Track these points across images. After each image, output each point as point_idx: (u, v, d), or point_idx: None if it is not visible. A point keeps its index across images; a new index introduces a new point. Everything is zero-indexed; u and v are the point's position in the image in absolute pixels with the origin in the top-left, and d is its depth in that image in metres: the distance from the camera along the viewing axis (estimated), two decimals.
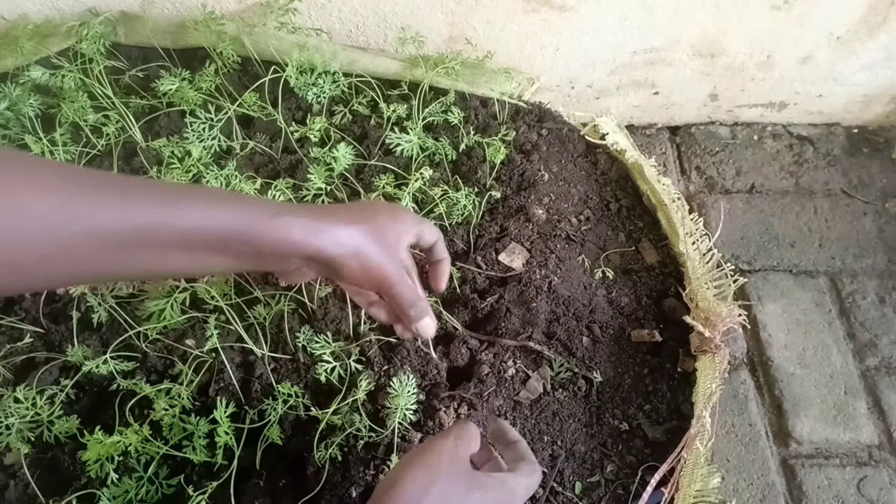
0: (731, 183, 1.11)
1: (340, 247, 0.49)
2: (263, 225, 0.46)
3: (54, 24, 0.95)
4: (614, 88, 1.11)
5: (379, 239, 0.52)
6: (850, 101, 1.15)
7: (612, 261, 0.93)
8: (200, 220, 0.43)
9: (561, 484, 0.73)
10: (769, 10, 0.97)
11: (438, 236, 0.61)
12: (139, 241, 0.41)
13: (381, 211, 0.54)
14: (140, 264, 0.43)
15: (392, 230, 0.54)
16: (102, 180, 0.40)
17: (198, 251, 0.45)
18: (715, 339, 0.80)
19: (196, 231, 0.43)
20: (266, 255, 0.48)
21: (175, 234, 0.42)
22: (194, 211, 0.43)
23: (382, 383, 0.75)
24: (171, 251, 0.43)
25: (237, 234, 0.45)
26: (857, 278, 1.00)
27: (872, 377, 0.91)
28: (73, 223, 0.37)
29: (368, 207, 0.55)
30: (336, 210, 0.52)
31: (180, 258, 0.44)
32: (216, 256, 0.46)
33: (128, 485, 0.67)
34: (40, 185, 0.37)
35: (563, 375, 0.80)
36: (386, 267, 0.53)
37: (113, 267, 0.42)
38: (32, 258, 0.37)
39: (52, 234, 0.37)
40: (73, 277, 0.43)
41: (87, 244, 0.38)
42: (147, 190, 0.42)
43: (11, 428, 0.69)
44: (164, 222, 0.41)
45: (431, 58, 0.99)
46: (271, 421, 0.72)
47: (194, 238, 0.43)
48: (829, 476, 0.82)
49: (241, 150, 0.94)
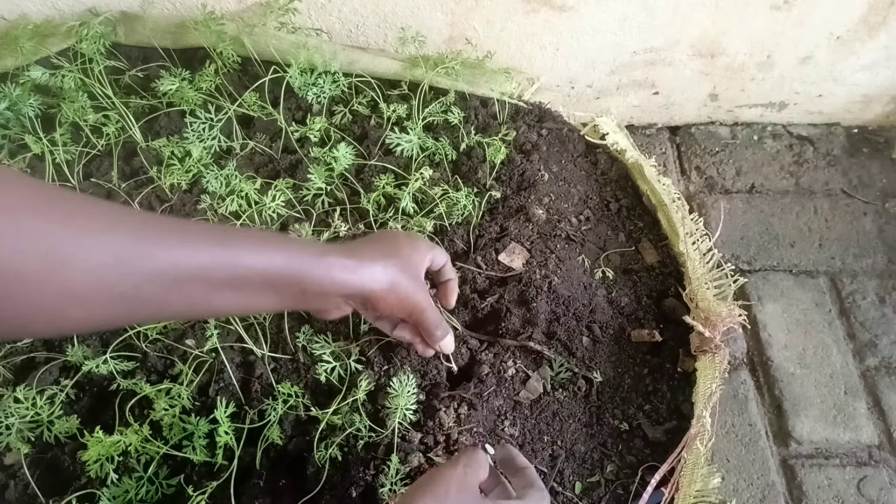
0: (731, 183, 1.11)
1: (378, 283, 0.55)
2: (310, 266, 0.50)
3: (54, 24, 0.95)
4: (614, 88, 1.11)
5: (408, 270, 0.58)
6: (850, 101, 1.15)
7: (612, 261, 0.93)
8: (253, 260, 0.47)
9: (561, 484, 0.73)
10: (769, 10, 0.97)
11: (447, 258, 0.67)
12: (196, 280, 0.44)
13: (403, 243, 0.60)
14: (194, 302, 0.46)
15: (414, 259, 0.60)
16: (162, 222, 0.44)
17: (247, 290, 0.48)
18: (715, 339, 0.80)
19: (249, 270, 0.47)
20: (310, 293, 0.52)
21: (229, 273, 0.46)
22: (247, 252, 0.47)
23: (382, 383, 0.75)
24: (223, 290, 0.46)
25: (286, 275, 0.49)
26: (857, 278, 1.00)
27: (872, 377, 0.91)
28: (140, 262, 0.40)
29: (393, 240, 0.60)
30: (369, 247, 0.57)
31: (231, 297, 0.47)
32: (263, 295, 0.50)
33: (128, 485, 0.67)
34: (109, 223, 0.39)
35: (563, 375, 0.80)
36: (418, 295, 0.59)
37: (170, 305, 0.45)
38: (105, 296, 0.39)
39: (122, 271, 0.39)
40: (136, 315, 0.46)
41: (151, 282, 0.41)
42: (204, 232, 0.46)
43: (11, 428, 0.69)
44: (219, 262, 0.45)
45: (431, 58, 0.99)
46: (271, 421, 0.72)
47: (247, 277, 0.47)
48: (829, 476, 0.82)
49: (241, 150, 0.94)
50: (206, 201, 0.86)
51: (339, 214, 0.88)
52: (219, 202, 0.86)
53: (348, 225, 0.86)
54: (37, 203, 0.37)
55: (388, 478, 0.67)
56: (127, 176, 0.92)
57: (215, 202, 0.86)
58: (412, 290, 0.58)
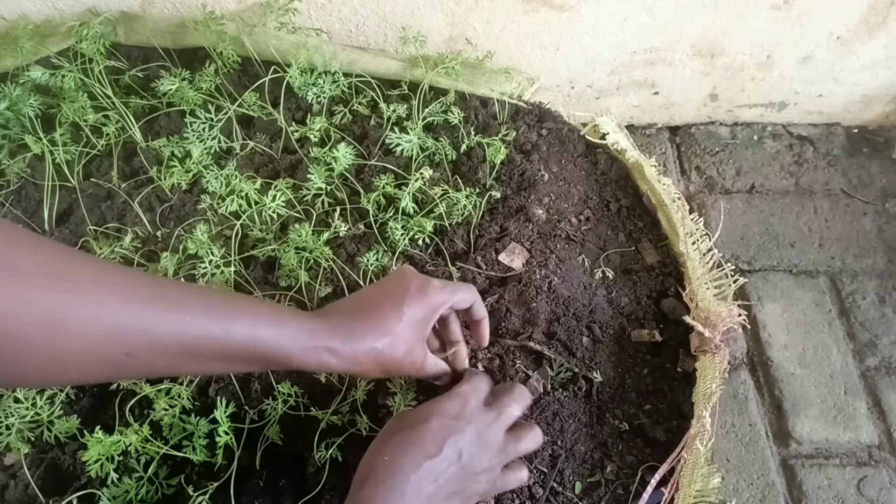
0: (731, 183, 1.11)
1: (360, 364, 0.56)
2: (298, 351, 0.52)
3: (54, 24, 0.95)
4: (614, 88, 1.11)
5: (401, 341, 0.57)
6: (850, 101, 1.15)
7: (612, 261, 0.93)
8: (243, 338, 0.49)
9: (561, 484, 0.73)
10: (769, 10, 0.97)
11: (474, 299, 0.66)
12: (186, 351, 0.46)
13: (409, 300, 0.59)
14: (182, 367, 0.48)
15: (419, 314, 0.59)
16: (161, 289, 0.45)
17: (235, 362, 0.50)
18: (715, 339, 0.80)
19: (238, 346, 0.48)
20: (296, 367, 0.54)
21: (218, 347, 0.47)
22: (238, 328, 0.48)
23: (382, 383, 0.75)
24: (212, 360, 0.48)
25: (274, 356, 0.51)
26: (857, 278, 1.00)
27: (872, 377, 0.91)
28: (135, 332, 0.42)
29: (396, 297, 0.59)
30: (364, 314, 0.57)
31: (218, 365, 0.50)
32: (251, 366, 0.53)
33: (128, 485, 0.67)
34: (108, 291, 0.41)
35: (563, 375, 0.80)
36: (404, 368, 0.59)
37: (159, 369, 0.48)
38: (99, 360, 0.42)
39: (117, 340, 0.41)
40: (126, 376, 0.50)
41: (143, 350, 0.43)
42: (199, 302, 0.47)
43: (11, 428, 0.69)
44: (210, 335, 0.47)
45: (431, 58, 0.99)
46: (271, 421, 0.72)
47: (235, 352, 0.49)
48: (829, 476, 0.82)
49: (241, 150, 0.94)
50: (206, 201, 0.86)
51: (339, 214, 0.88)
52: (219, 202, 0.86)
53: (348, 225, 0.86)
54: (41, 267, 0.38)
55: None
56: (127, 176, 0.92)
57: (215, 202, 0.86)
58: (399, 362, 0.58)
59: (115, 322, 0.41)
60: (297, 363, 0.53)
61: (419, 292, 0.60)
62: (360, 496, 0.52)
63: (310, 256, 0.81)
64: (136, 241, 0.85)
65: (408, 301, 0.58)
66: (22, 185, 0.90)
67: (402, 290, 0.60)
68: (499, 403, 0.62)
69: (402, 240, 0.84)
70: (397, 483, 0.52)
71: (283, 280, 0.82)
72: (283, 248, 0.82)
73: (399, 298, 0.59)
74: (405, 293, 0.59)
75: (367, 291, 0.62)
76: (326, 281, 0.82)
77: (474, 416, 0.59)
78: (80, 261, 0.42)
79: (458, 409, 0.58)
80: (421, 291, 0.60)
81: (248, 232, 0.86)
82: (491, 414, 0.60)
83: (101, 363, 0.42)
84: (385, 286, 0.61)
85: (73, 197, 0.89)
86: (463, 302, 0.64)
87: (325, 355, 0.53)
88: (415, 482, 0.52)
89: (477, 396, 0.61)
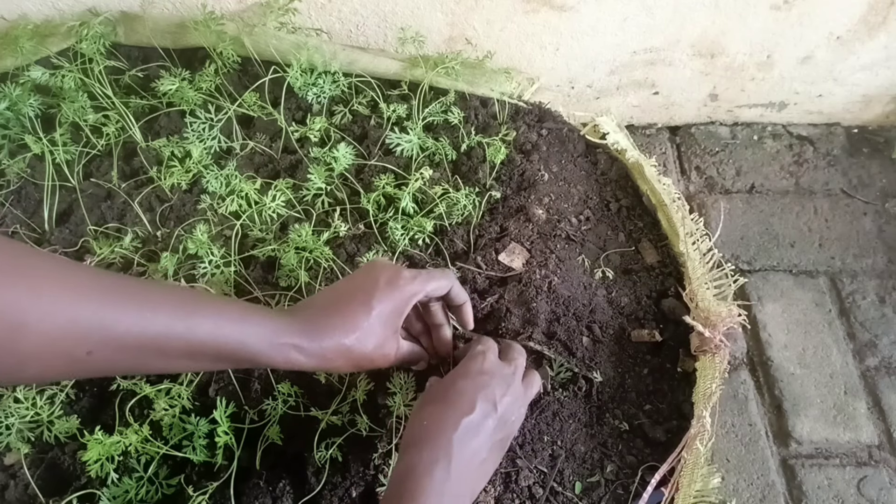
0: (731, 183, 1.11)
1: (329, 361, 0.56)
2: (265, 348, 0.52)
3: (54, 24, 0.95)
4: (614, 88, 1.11)
5: (369, 336, 0.57)
6: (850, 101, 1.15)
7: (612, 261, 0.93)
8: (207, 336, 0.49)
9: (561, 484, 0.73)
10: (769, 10, 0.97)
11: (449, 285, 0.65)
12: (149, 349, 0.46)
13: (379, 294, 0.58)
14: (147, 366, 0.49)
15: (389, 307, 0.59)
16: (124, 287, 0.45)
17: (200, 359, 0.50)
18: (715, 339, 0.80)
19: (202, 344, 0.48)
20: (263, 365, 0.55)
21: (183, 345, 0.47)
22: (203, 326, 0.48)
23: (382, 383, 0.75)
24: (177, 358, 0.48)
25: (239, 354, 0.51)
26: (857, 278, 1.00)
27: (872, 377, 0.91)
28: (95, 329, 0.42)
29: (365, 290, 0.58)
30: (331, 311, 0.57)
31: (184, 363, 0.50)
32: (219, 363, 0.53)
33: (128, 485, 0.67)
34: (69, 288, 0.41)
35: (563, 375, 0.80)
36: (376, 362, 0.60)
37: (123, 367, 0.48)
38: (60, 357, 0.42)
39: (77, 337, 0.41)
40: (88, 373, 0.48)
41: (105, 348, 0.43)
42: (163, 300, 0.47)
43: (11, 428, 0.69)
44: (174, 334, 0.46)
45: (431, 58, 0.99)
46: (271, 421, 0.72)
47: (200, 350, 0.49)
48: (829, 476, 0.82)
49: (241, 150, 0.94)
50: (206, 201, 0.86)
51: (339, 214, 0.88)
52: (219, 202, 0.86)
53: (348, 225, 0.86)
54: (2, 265, 0.38)
55: (388, 478, 0.67)
56: (127, 176, 0.92)
57: (215, 202, 0.86)
58: (369, 356, 0.58)
59: (74, 320, 0.41)
60: (265, 361, 0.53)
61: (389, 285, 0.59)
62: (406, 462, 0.53)
63: (310, 256, 0.81)
64: (136, 241, 0.85)
65: (377, 295, 0.58)
66: (22, 185, 0.90)
67: (372, 283, 0.59)
68: (508, 357, 0.67)
69: (402, 240, 0.84)
70: (440, 444, 0.54)
71: (283, 280, 0.82)
72: (283, 248, 0.82)
73: (368, 293, 0.58)
74: (374, 287, 0.59)
75: (337, 286, 0.61)
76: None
77: (496, 370, 0.62)
78: (38, 259, 0.42)
79: (479, 366, 0.61)
80: (390, 284, 0.59)
81: (248, 232, 0.86)
82: (509, 366, 0.65)
83: (62, 361, 0.42)
84: (355, 280, 0.61)
85: (73, 197, 0.89)
86: (438, 290, 0.63)
87: (293, 352, 0.53)
88: (457, 442, 0.54)
89: (493, 352, 0.65)
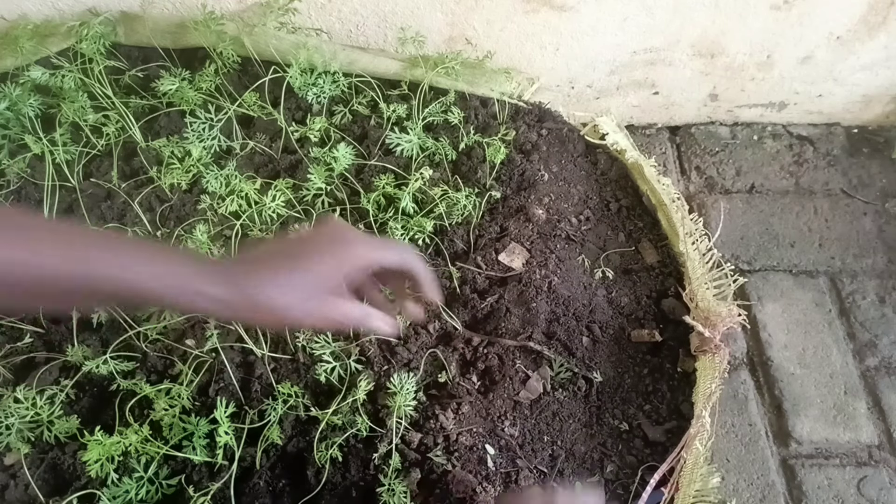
0: (731, 183, 1.11)
1: (235, 310, 0.53)
2: (175, 292, 0.51)
3: (54, 24, 0.95)
4: (614, 88, 1.11)
5: (289, 291, 0.54)
6: (849, 101, 1.15)
7: (612, 261, 0.93)
8: (108, 273, 0.48)
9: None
10: (769, 10, 0.97)
11: (403, 258, 0.58)
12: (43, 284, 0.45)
13: (316, 249, 0.55)
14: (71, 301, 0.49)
15: (323, 269, 0.55)
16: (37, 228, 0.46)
17: (126, 300, 0.51)
18: (715, 339, 0.80)
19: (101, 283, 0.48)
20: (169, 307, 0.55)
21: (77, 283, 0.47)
22: (104, 264, 0.48)
23: (382, 383, 0.75)
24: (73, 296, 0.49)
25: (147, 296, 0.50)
26: (857, 278, 1.00)
27: (872, 377, 0.91)
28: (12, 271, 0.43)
29: (302, 249, 0.55)
30: (258, 265, 0.54)
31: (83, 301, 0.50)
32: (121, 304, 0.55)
33: (128, 485, 0.67)
34: None
35: (563, 375, 0.80)
36: (301, 319, 0.55)
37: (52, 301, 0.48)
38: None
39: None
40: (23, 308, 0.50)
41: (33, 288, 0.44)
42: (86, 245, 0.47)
43: (11, 428, 0.69)
44: (68, 271, 0.46)
45: (431, 58, 0.99)
46: (271, 421, 0.72)
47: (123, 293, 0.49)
48: (829, 476, 0.82)
49: (241, 150, 0.94)
50: (206, 201, 0.86)
51: (339, 214, 0.88)
52: (219, 202, 0.86)
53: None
54: None
55: (388, 478, 0.67)
56: (127, 176, 0.92)
57: (215, 202, 0.86)
58: (285, 312, 0.54)
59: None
60: (176, 307, 0.53)
61: (332, 243, 0.56)
62: None
63: None
64: None
65: (313, 249, 0.55)
66: (22, 185, 0.90)
67: (314, 239, 0.57)
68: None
69: (402, 240, 0.84)
70: None
71: None
72: None
73: (304, 247, 0.56)
74: (313, 242, 0.56)
75: (285, 238, 0.59)
76: None
77: None
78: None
79: None
80: (334, 242, 0.56)
81: (248, 232, 0.86)
82: None
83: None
84: (301, 234, 0.58)
85: (73, 197, 0.89)
86: (387, 260, 0.57)
87: (198, 299, 0.51)
88: None
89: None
